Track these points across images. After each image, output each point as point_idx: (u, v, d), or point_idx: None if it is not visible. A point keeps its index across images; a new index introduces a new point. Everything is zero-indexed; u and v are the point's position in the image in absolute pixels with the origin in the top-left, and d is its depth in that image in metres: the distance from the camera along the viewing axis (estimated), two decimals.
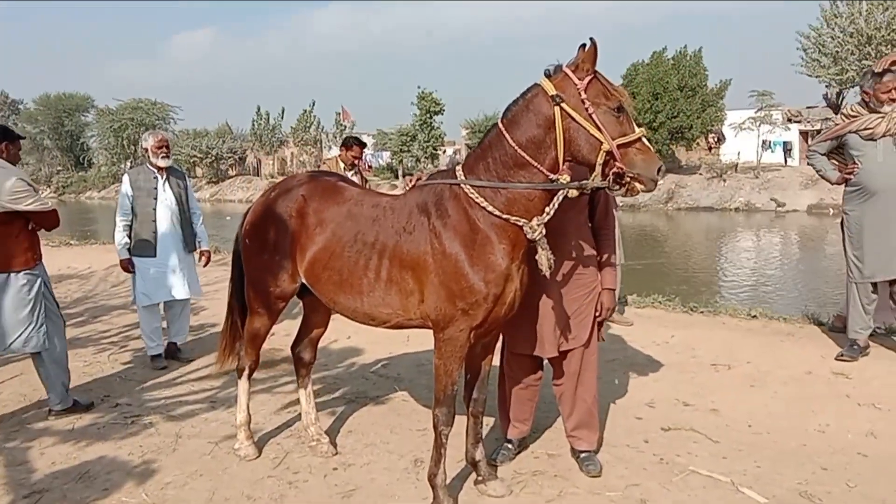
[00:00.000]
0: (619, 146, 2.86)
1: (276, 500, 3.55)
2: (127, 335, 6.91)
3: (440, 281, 3.14)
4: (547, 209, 3.10)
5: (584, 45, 2.93)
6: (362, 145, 7.40)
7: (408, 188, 3.45)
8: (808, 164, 5.84)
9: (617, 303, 6.02)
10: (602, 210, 3.70)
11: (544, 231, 3.11)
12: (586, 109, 2.89)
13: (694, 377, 5.11)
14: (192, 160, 58.44)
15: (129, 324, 7.37)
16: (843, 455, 3.88)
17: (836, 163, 5.47)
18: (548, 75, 2.99)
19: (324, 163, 7.64)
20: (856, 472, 3.69)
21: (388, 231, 3.32)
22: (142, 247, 5.88)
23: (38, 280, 4.64)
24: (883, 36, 31.76)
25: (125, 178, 6.06)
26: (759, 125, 36.33)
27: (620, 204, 12.89)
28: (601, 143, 2.88)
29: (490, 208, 3.08)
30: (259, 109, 56.78)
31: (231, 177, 58.00)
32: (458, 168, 3.21)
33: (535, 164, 3.00)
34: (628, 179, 2.90)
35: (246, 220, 3.91)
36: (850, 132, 5.23)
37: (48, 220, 4.69)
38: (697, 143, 36.73)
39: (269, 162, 57.66)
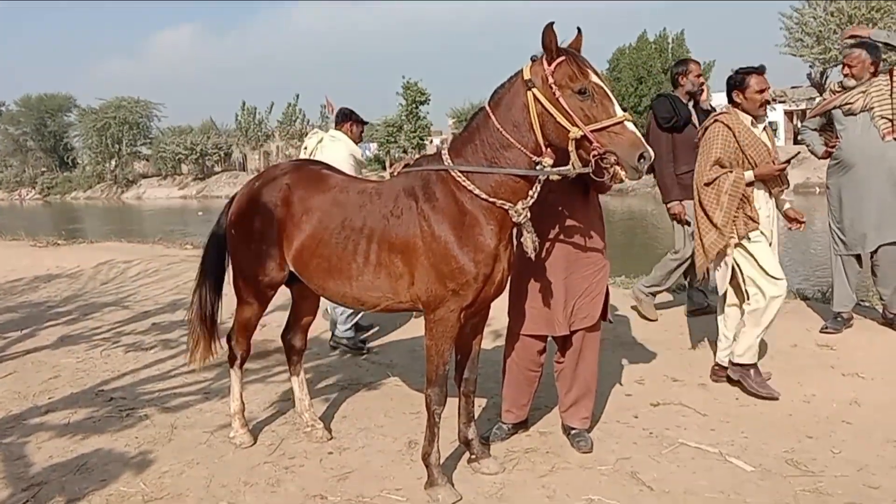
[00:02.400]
0: (595, 131, 2.86)
1: (273, 485, 3.60)
2: (118, 331, 6.92)
3: (430, 263, 3.18)
4: (531, 192, 3.15)
5: (579, 29, 2.97)
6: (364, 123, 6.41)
7: (395, 174, 3.49)
8: (800, 138, 5.93)
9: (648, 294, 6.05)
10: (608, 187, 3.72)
11: (528, 214, 3.17)
12: (553, 94, 2.92)
13: (682, 354, 5.19)
14: (176, 157, 58.22)
15: (119, 320, 7.39)
16: (828, 423, 3.97)
17: (826, 138, 5.54)
18: (533, 60, 3.02)
19: (306, 149, 6.01)
20: (840, 440, 3.77)
21: (376, 216, 3.36)
22: None
23: None
24: (864, 14, 31.97)
25: None
26: None
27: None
28: (566, 129, 2.90)
29: (477, 191, 3.13)
30: (244, 104, 56.53)
31: (217, 173, 57.84)
32: (445, 152, 3.25)
33: (519, 145, 3.04)
34: (609, 164, 2.89)
35: (231, 211, 3.93)
36: (834, 107, 5.30)
37: None
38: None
39: (254, 157, 57.48)
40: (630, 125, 2.91)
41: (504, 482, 3.49)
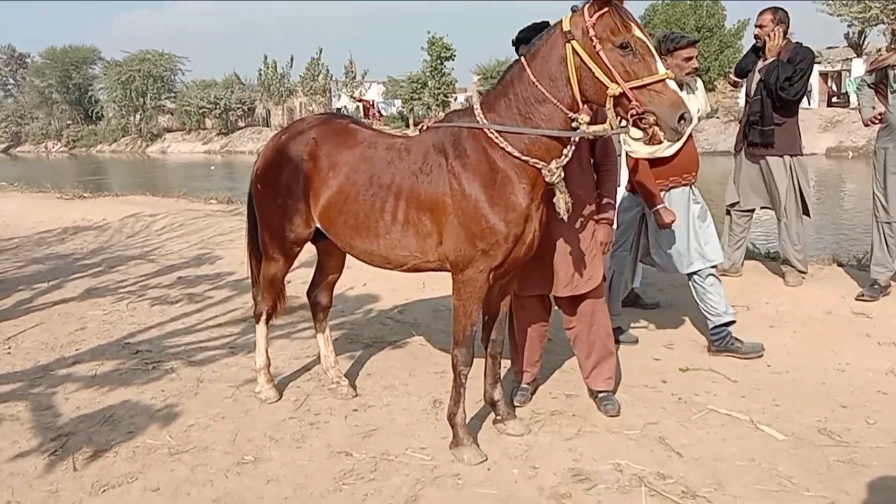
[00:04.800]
0: (635, 88, 2.72)
1: (298, 441, 3.60)
2: (144, 284, 6.96)
3: (459, 222, 3.11)
4: (565, 151, 3.05)
5: None
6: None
7: (424, 129, 3.38)
8: (857, 95, 5.73)
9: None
10: (601, 146, 3.64)
11: (563, 174, 3.07)
12: (593, 47, 2.78)
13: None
14: (201, 111, 58.19)
15: (145, 273, 7.43)
16: (863, 393, 3.88)
17: (879, 99, 5.33)
18: (574, 11, 2.88)
19: None
20: (875, 409, 3.69)
21: (404, 172, 3.27)
22: None
23: None
24: None
25: None
26: None
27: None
28: (605, 85, 2.77)
29: (510, 149, 3.03)
30: (266, 59, 56.11)
31: (241, 128, 57.80)
32: (477, 106, 3.14)
33: (555, 100, 2.93)
34: (648, 125, 2.74)
35: (257, 165, 3.87)
36: (889, 66, 5.10)
37: None
38: (715, 86, 36.03)
39: (278, 112, 57.28)
40: (672, 83, 2.79)
41: (530, 444, 3.46)
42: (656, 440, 3.46)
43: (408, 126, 45.46)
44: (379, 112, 54.00)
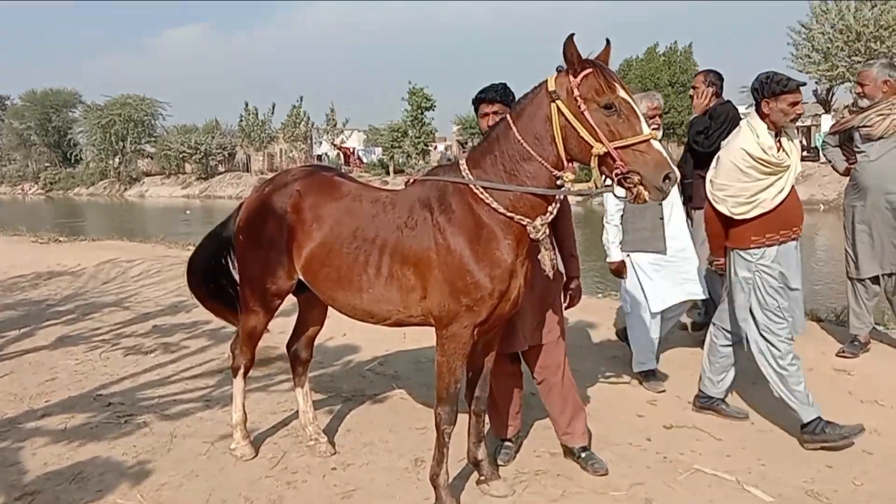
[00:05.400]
0: (619, 148, 2.74)
1: (275, 501, 3.48)
2: (118, 332, 6.81)
3: (444, 277, 3.07)
4: (550, 208, 3.06)
5: (608, 41, 2.86)
6: None
7: (410, 183, 3.38)
8: (823, 153, 5.86)
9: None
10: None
11: (547, 231, 3.07)
12: (578, 107, 2.80)
13: (694, 374, 5.02)
14: (181, 156, 58.15)
15: (120, 321, 7.28)
16: (848, 453, 3.84)
17: (846, 155, 5.45)
18: (559, 70, 2.91)
19: None
20: (861, 470, 3.65)
21: (389, 226, 3.25)
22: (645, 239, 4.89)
23: None
24: (871, 32, 31.90)
25: None
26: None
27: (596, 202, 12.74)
28: (590, 145, 2.79)
29: (495, 205, 3.02)
30: (247, 105, 56.45)
31: (221, 173, 57.72)
32: (462, 162, 3.14)
33: (540, 158, 2.93)
34: (632, 184, 2.75)
35: (240, 217, 3.83)
36: (853, 127, 5.20)
37: None
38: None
39: (258, 158, 57.39)
40: (656, 143, 2.79)
41: None
42: (643, 502, 3.39)
43: (388, 173, 45.71)
44: (359, 159, 54.32)
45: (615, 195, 2.89)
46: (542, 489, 3.54)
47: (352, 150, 55.14)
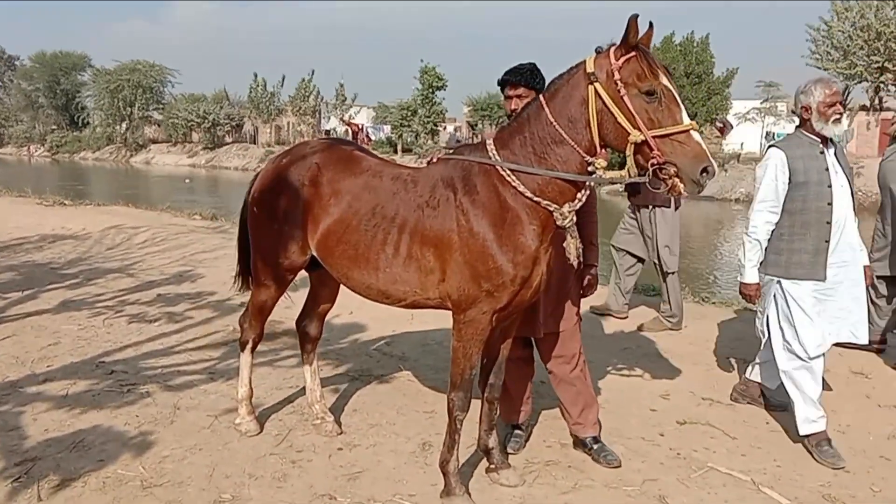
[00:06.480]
0: (658, 137, 2.63)
1: (279, 480, 3.41)
2: (122, 300, 6.73)
3: (465, 260, 2.97)
4: (579, 195, 2.95)
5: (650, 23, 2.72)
6: None
7: (433, 161, 3.26)
8: None
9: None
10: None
11: (574, 218, 2.97)
12: (618, 91, 2.68)
13: (709, 370, 4.98)
14: (188, 125, 57.95)
15: (124, 288, 7.20)
16: (865, 458, 3.76)
17: None
18: (598, 52, 2.79)
19: None
20: (879, 476, 3.57)
21: (410, 205, 3.14)
22: (802, 264, 3.87)
23: None
24: (892, 32, 31.44)
25: (775, 154, 3.91)
26: (764, 116, 36.12)
27: (621, 190, 12.66)
28: (627, 131, 2.68)
29: (522, 188, 2.91)
30: (256, 76, 56.05)
31: (227, 143, 57.50)
32: (490, 142, 3.03)
33: (572, 142, 2.82)
34: (668, 175, 2.64)
35: (254, 188, 3.72)
36: None
37: None
38: (702, 132, 36.51)
39: (266, 130, 57.12)
40: (696, 135, 2.67)
41: (524, 497, 3.30)
42: (656, 499, 3.30)
43: (396, 152, 45.46)
44: (368, 136, 54.03)
45: (649, 186, 2.77)
46: (552, 480, 3.46)
47: (360, 127, 54.76)
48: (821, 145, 3.85)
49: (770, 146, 4.00)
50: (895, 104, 34.15)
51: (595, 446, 3.69)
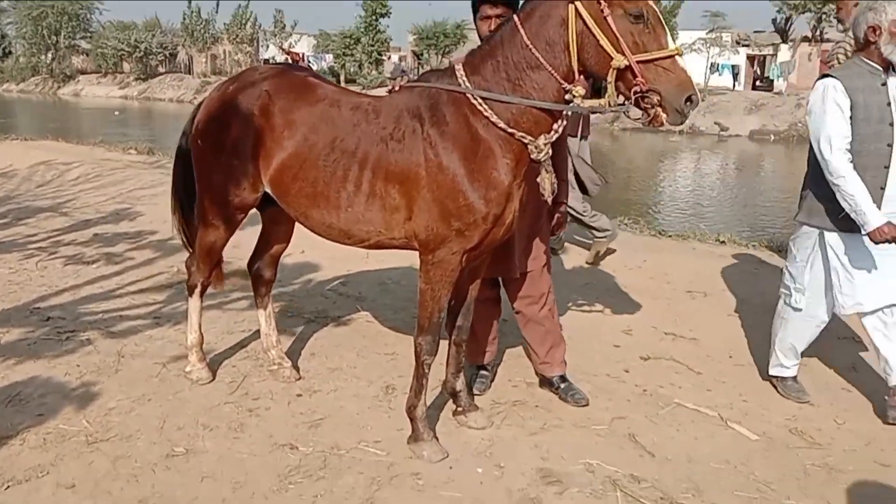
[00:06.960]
0: (642, 62, 2.45)
1: (236, 430, 3.23)
2: (56, 240, 6.33)
3: (433, 197, 2.77)
4: (555, 126, 2.76)
5: None
6: None
7: (395, 89, 3.01)
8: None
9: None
10: None
11: (550, 151, 2.78)
12: (601, 11, 2.48)
13: (670, 304, 4.95)
14: (118, 54, 55.09)
15: (57, 228, 6.78)
16: (828, 391, 3.79)
17: None
18: None
19: None
20: (842, 409, 3.59)
21: (372, 138, 2.90)
22: None
23: None
24: None
25: (831, 83, 3.32)
26: (710, 47, 36.16)
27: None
28: (610, 56, 2.49)
29: (495, 119, 2.70)
30: (190, 3, 53.30)
31: (161, 74, 54.92)
32: (459, 67, 2.79)
33: (550, 67, 2.61)
34: (651, 105, 2.48)
35: (198, 118, 3.40)
36: None
37: None
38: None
39: (201, 60, 54.68)
40: (681, 61, 2.50)
41: (493, 439, 3.20)
42: (626, 437, 3.26)
43: (339, 82, 44.15)
44: (309, 66, 52.30)
45: (628, 115, 2.60)
46: (521, 421, 3.37)
47: (301, 56, 52.91)
48: (883, 75, 3.30)
49: (824, 75, 3.42)
50: (836, 35, 34.56)
51: (562, 385, 3.61)
